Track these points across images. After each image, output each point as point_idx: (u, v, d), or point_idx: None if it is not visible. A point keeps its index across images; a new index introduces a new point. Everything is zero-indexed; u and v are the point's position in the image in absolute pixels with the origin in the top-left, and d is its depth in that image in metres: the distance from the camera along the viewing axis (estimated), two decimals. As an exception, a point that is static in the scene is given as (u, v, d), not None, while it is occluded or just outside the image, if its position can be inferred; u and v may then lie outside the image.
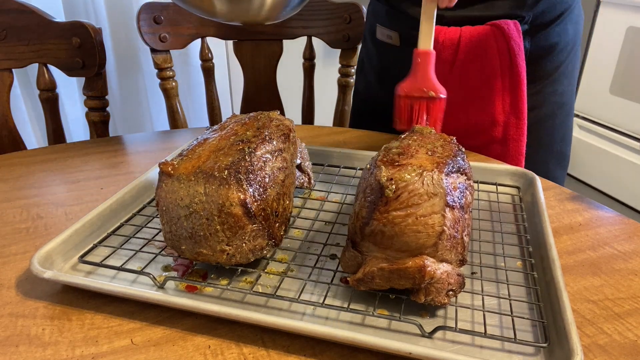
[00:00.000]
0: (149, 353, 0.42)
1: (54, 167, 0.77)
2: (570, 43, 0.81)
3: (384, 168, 0.45)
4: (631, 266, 0.53)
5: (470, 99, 0.79)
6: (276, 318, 0.42)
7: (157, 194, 0.49)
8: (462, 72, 0.78)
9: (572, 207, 0.64)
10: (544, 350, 0.42)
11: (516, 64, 0.74)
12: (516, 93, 0.76)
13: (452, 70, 0.78)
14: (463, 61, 0.77)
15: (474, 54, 0.76)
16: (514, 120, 0.78)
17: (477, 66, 0.77)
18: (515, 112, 0.78)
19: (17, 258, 0.55)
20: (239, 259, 0.48)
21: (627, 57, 2.01)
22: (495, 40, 0.74)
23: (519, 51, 0.74)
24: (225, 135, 0.53)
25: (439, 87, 0.65)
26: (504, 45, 0.74)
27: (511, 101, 0.77)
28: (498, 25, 0.74)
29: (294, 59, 1.39)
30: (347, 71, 1.16)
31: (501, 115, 0.78)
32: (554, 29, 0.79)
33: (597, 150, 2.21)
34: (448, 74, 0.78)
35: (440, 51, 0.76)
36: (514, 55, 0.74)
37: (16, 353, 0.42)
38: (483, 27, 0.75)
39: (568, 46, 0.81)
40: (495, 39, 0.74)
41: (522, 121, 0.78)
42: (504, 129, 0.79)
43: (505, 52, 0.74)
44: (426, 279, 0.42)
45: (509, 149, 0.80)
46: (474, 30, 0.75)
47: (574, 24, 0.81)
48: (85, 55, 0.97)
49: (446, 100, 0.78)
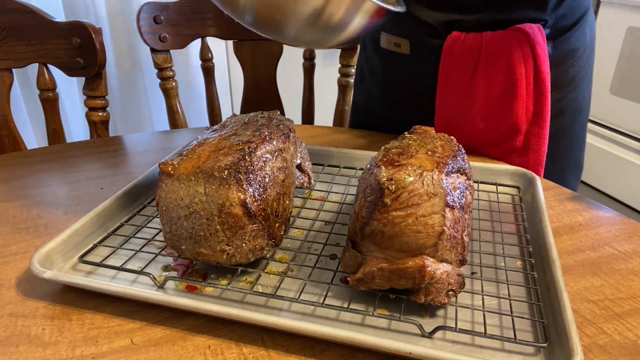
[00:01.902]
0: (149, 353, 0.42)
1: (54, 167, 0.77)
2: (589, 47, 0.78)
3: (384, 168, 0.45)
4: (631, 266, 0.53)
5: (492, 107, 0.75)
6: (276, 318, 0.42)
7: (157, 194, 0.49)
8: (485, 80, 0.74)
9: (572, 207, 0.64)
10: (544, 350, 0.42)
11: (541, 71, 0.71)
12: (540, 101, 0.72)
13: (474, 77, 0.74)
14: (485, 68, 0.73)
15: (496, 61, 0.72)
16: (536, 130, 0.74)
17: (500, 73, 0.72)
18: (538, 121, 0.74)
19: (17, 258, 0.55)
20: (239, 259, 0.48)
21: (627, 57, 2.01)
22: (519, 46, 0.70)
23: (545, 57, 0.70)
24: (225, 135, 0.53)
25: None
26: (528, 51, 0.70)
27: (535, 110, 0.73)
28: (522, 29, 0.70)
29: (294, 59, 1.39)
30: (347, 71, 1.16)
31: (524, 124, 0.75)
32: (573, 33, 0.75)
33: (597, 150, 2.21)
34: (469, 81, 0.74)
35: (460, 59, 0.73)
36: (540, 62, 0.70)
37: (16, 353, 0.42)
38: (505, 32, 0.71)
39: (587, 50, 0.78)
40: (519, 44, 0.70)
41: (545, 130, 0.74)
42: (525, 139, 0.75)
43: (530, 57, 0.70)
44: (426, 279, 0.42)
45: (529, 159, 0.77)
46: (495, 36, 0.71)
47: (590, 26, 0.78)
48: (85, 55, 0.97)
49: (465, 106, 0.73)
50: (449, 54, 0.74)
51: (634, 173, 2.06)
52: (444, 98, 0.77)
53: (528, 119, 0.74)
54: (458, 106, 0.76)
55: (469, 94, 0.75)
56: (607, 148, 2.17)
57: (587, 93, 0.81)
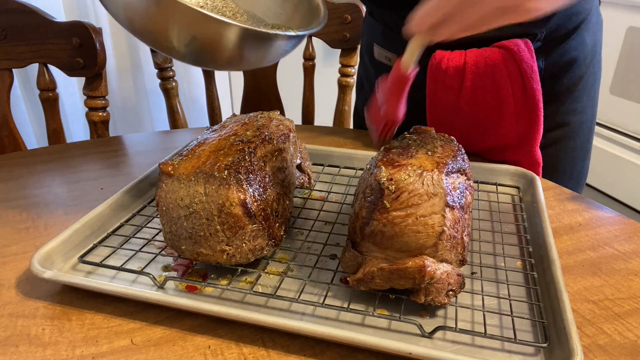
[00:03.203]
0: (149, 353, 0.42)
1: (54, 167, 0.77)
2: (590, 55, 0.74)
3: (384, 168, 0.45)
4: (631, 266, 0.53)
5: (481, 125, 0.74)
6: (276, 318, 0.42)
7: (157, 194, 0.49)
8: (471, 99, 0.72)
9: (572, 207, 0.64)
10: (544, 351, 0.42)
11: (530, 88, 0.68)
12: (532, 118, 0.70)
13: (460, 97, 0.72)
14: (471, 88, 0.70)
15: (482, 80, 0.70)
16: (527, 147, 0.72)
17: (486, 92, 0.70)
18: (529, 138, 0.71)
19: (17, 258, 0.55)
20: (239, 259, 0.48)
21: (627, 57, 2.01)
22: (505, 64, 0.68)
23: (532, 73, 0.67)
24: (225, 135, 0.53)
25: (400, 115, 0.57)
26: (514, 69, 0.67)
27: (526, 128, 0.71)
28: (506, 46, 0.67)
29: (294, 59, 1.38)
30: (347, 71, 1.16)
31: (514, 140, 0.72)
32: (570, 43, 0.71)
33: (597, 150, 2.21)
34: (455, 101, 0.72)
35: (444, 78, 0.71)
36: (527, 79, 0.67)
37: (16, 353, 0.42)
38: (490, 50, 0.68)
39: (587, 58, 0.73)
40: (505, 62, 0.68)
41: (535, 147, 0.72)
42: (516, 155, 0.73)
43: (517, 75, 0.68)
44: (426, 279, 0.42)
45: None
46: (480, 54, 0.69)
47: (592, 33, 0.74)
48: (85, 55, 0.97)
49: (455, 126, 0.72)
50: (434, 74, 0.72)
51: (634, 173, 2.07)
52: (433, 114, 0.76)
53: (519, 135, 0.72)
54: (447, 124, 0.75)
55: (456, 113, 0.73)
56: (607, 148, 2.17)
57: (588, 103, 0.77)
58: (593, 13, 0.74)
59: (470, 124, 0.74)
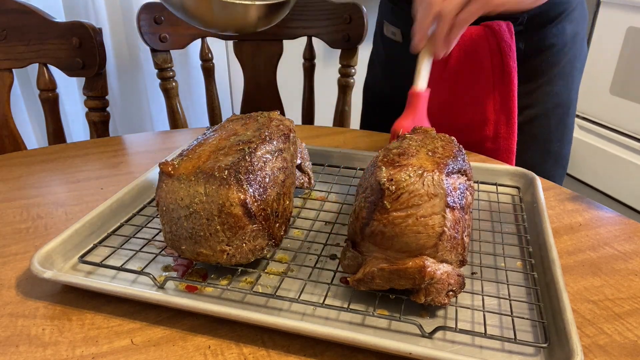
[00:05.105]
0: (149, 353, 0.42)
1: (54, 167, 0.77)
2: (569, 43, 0.82)
3: (384, 168, 0.45)
4: (631, 266, 0.53)
5: (463, 97, 0.81)
6: (276, 318, 0.42)
7: (157, 194, 0.49)
8: (456, 71, 0.79)
9: (572, 207, 0.64)
10: (544, 351, 0.42)
11: (507, 64, 0.76)
12: (506, 92, 0.78)
13: (446, 69, 0.79)
14: (456, 60, 0.78)
15: (466, 54, 0.78)
16: (504, 119, 0.80)
17: (469, 65, 0.78)
18: (505, 111, 0.79)
19: (17, 258, 0.55)
20: (239, 259, 0.48)
21: (627, 57, 2.01)
22: (487, 41, 0.76)
23: (510, 51, 0.75)
24: (225, 135, 0.53)
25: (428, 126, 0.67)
26: (495, 46, 0.76)
27: (501, 100, 0.79)
28: (490, 25, 0.76)
29: (294, 59, 1.39)
30: (347, 71, 1.16)
31: (492, 113, 0.80)
32: (550, 29, 0.79)
33: (597, 150, 2.21)
34: (442, 72, 0.79)
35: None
36: (505, 56, 0.76)
37: (16, 353, 0.42)
38: (476, 28, 0.76)
39: (565, 47, 0.81)
40: (487, 39, 0.76)
41: (512, 119, 0.79)
42: (495, 127, 0.81)
43: (497, 52, 0.76)
44: (426, 279, 0.42)
45: (500, 146, 0.82)
46: (467, 31, 0.76)
47: (573, 23, 0.81)
48: (85, 55, 0.97)
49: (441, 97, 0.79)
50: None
51: (634, 173, 2.07)
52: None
53: (496, 109, 0.79)
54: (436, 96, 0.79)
55: (441, 85, 0.80)
56: (607, 148, 2.17)
57: (564, 88, 0.84)
58: (577, 7, 0.81)
59: (454, 97, 0.81)
